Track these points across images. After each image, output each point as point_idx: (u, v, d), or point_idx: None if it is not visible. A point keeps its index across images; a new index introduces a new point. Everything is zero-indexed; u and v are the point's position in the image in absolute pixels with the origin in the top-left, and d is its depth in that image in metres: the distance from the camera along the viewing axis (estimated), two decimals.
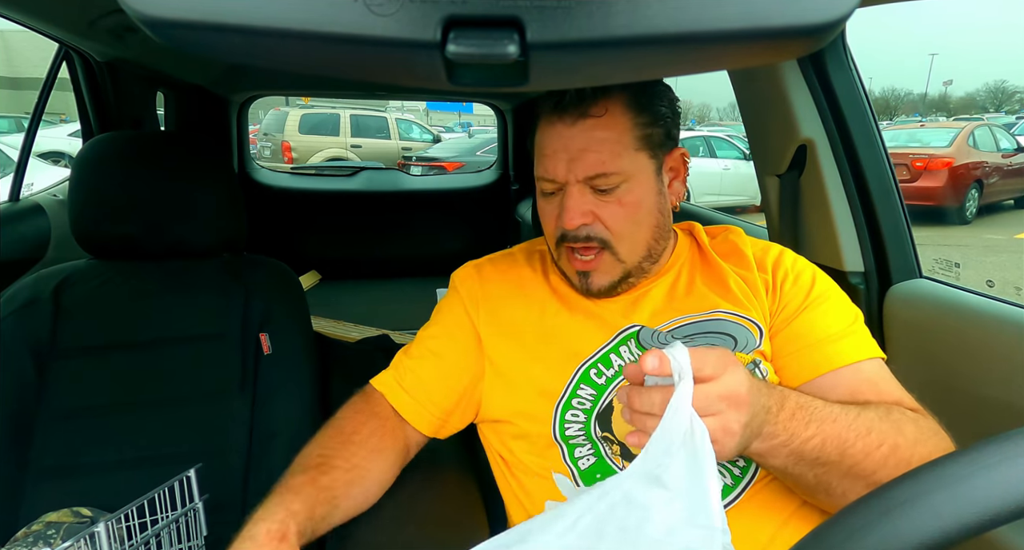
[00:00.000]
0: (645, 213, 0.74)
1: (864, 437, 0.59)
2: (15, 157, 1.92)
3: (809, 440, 0.57)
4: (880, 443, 0.59)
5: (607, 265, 0.75)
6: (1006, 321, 0.85)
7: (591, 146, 0.70)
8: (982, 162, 7.24)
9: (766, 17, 0.24)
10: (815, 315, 0.73)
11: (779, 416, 0.57)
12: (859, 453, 0.59)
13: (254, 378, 1.03)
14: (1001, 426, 0.36)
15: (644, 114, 0.72)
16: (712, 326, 0.74)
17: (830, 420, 0.59)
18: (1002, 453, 0.30)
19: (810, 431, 0.58)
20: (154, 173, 1.03)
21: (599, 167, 0.70)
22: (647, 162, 0.73)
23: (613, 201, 0.72)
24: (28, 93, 13.95)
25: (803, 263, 0.80)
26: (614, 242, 0.74)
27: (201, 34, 0.25)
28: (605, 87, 0.71)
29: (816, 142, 1.09)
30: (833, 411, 0.60)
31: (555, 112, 0.72)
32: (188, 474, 0.83)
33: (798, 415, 0.58)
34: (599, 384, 0.75)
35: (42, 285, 1.02)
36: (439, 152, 9.21)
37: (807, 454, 0.58)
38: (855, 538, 0.31)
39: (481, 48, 0.25)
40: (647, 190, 0.74)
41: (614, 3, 0.24)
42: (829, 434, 0.58)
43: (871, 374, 0.71)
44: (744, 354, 0.72)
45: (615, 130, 0.71)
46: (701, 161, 8.33)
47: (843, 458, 0.58)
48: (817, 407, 0.59)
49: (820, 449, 0.58)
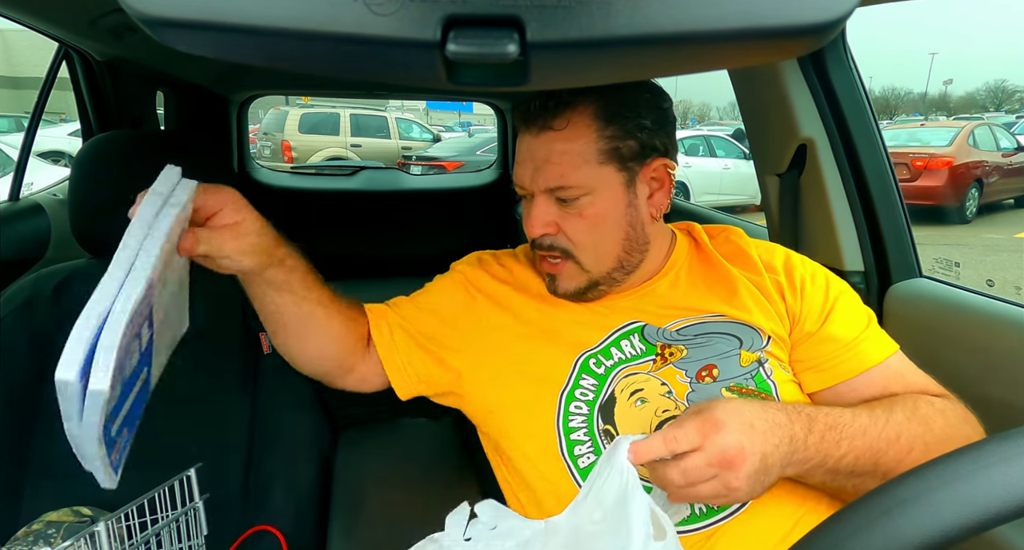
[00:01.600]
0: (610, 226, 0.73)
1: (895, 444, 0.61)
2: (15, 156, 1.92)
3: (843, 458, 0.59)
4: (911, 447, 0.61)
5: (572, 272, 0.76)
6: (1006, 320, 0.85)
7: (551, 158, 0.71)
8: (982, 161, 7.24)
9: (766, 16, 0.24)
10: (838, 317, 0.74)
11: (808, 440, 0.58)
12: (892, 461, 0.60)
13: (254, 377, 1.03)
14: (1002, 426, 0.36)
15: (611, 127, 0.71)
16: (718, 327, 0.75)
17: (860, 434, 0.60)
18: (1002, 453, 0.30)
19: (842, 449, 0.59)
20: (154, 173, 1.03)
21: (558, 179, 0.71)
22: (613, 175, 0.72)
23: (575, 213, 0.72)
24: (28, 92, 13.95)
25: (812, 263, 0.80)
26: (576, 253, 0.74)
27: (201, 34, 0.25)
28: (571, 99, 0.70)
29: (816, 141, 1.09)
30: (862, 423, 0.61)
31: (523, 121, 0.73)
32: (188, 474, 0.83)
33: (828, 436, 0.59)
34: (599, 374, 0.75)
35: (42, 284, 1.02)
36: (439, 151, 9.21)
37: (842, 470, 0.60)
38: (856, 537, 0.31)
39: (481, 47, 0.25)
40: (612, 203, 0.73)
41: (614, 3, 0.24)
42: (861, 448, 0.60)
43: (898, 367, 0.72)
44: (750, 352, 0.73)
45: (576, 143, 0.70)
46: (701, 160, 8.33)
47: (877, 467, 0.60)
48: (846, 423, 0.60)
49: (854, 464, 0.60)
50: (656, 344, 0.75)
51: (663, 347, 0.75)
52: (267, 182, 2.62)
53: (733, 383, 0.72)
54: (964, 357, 0.90)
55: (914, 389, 0.70)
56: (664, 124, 0.75)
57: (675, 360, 0.74)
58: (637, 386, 0.74)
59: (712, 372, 0.72)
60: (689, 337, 0.75)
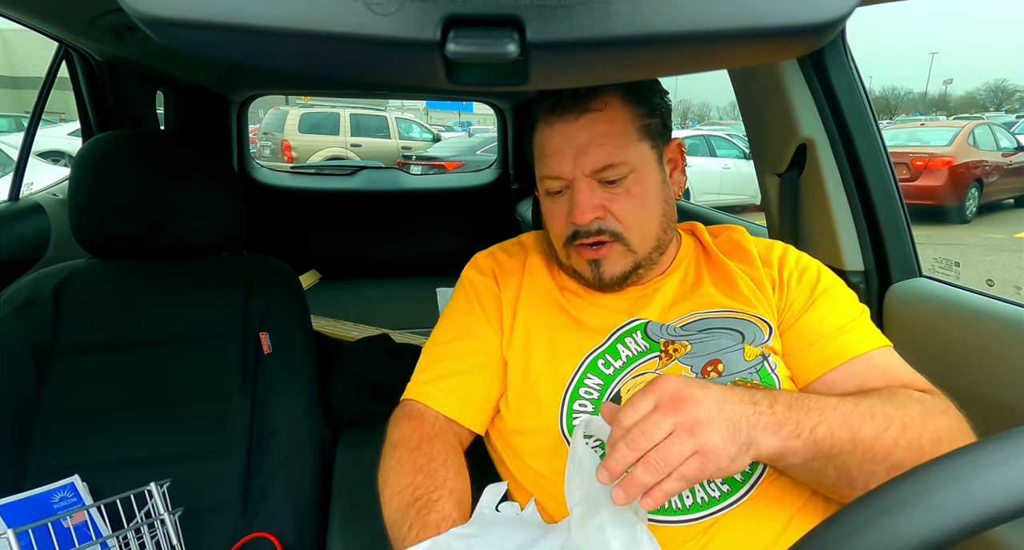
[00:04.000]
0: (653, 203, 0.75)
1: (869, 420, 0.59)
2: (15, 156, 1.92)
3: (816, 427, 0.57)
4: (887, 424, 0.60)
5: (618, 255, 0.76)
6: (1006, 320, 0.85)
7: (595, 140, 0.71)
8: (982, 161, 7.24)
9: (766, 16, 0.24)
10: (822, 309, 0.74)
11: (775, 408, 0.57)
12: (869, 437, 0.59)
13: (254, 377, 1.03)
14: (1001, 425, 0.36)
15: (642, 105, 0.74)
16: (720, 322, 0.75)
17: (830, 408, 0.59)
18: (1002, 453, 0.30)
19: (813, 418, 0.58)
20: (154, 172, 1.03)
21: (606, 159, 0.71)
22: (649, 152, 0.75)
23: (622, 192, 0.73)
24: (28, 92, 13.94)
25: (807, 259, 0.80)
26: (625, 233, 0.74)
27: (201, 34, 0.25)
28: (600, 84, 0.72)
29: (816, 141, 1.09)
30: (831, 401, 0.60)
31: (554, 112, 0.73)
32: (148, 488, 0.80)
33: (796, 405, 0.58)
34: (607, 374, 0.75)
35: (42, 284, 1.02)
36: (439, 151, 9.20)
37: (821, 443, 0.57)
38: (855, 536, 0.31)
39: (481, 47, 0.25)
40: (652, 180, 0.75)
41: (614, 2, 0.24)
42: (834, 420, 0.58)
43: (881, 361, 0.71)
44: (753, 347, 0.73)
45: (617, 123, 0.72)
46: (701, 160, 8.33)
47: (855, 445, 0.58)
48: (812, 398, 0.60)
49: (831, 436, 0.58)
50: (659, 341, 0.76)
51: (666, 343, 0.75)
52: (267, 182, 2.62)
53: (739, 378, 0.71)
54: (964, 357, 0.90)
55: (895, 385, 0.69)
56: (670, 107, 0.78)
57: (679, 356, 0.74)
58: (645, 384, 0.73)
59: (717, 367, 0.72)
60: (692, 333, 0.75)
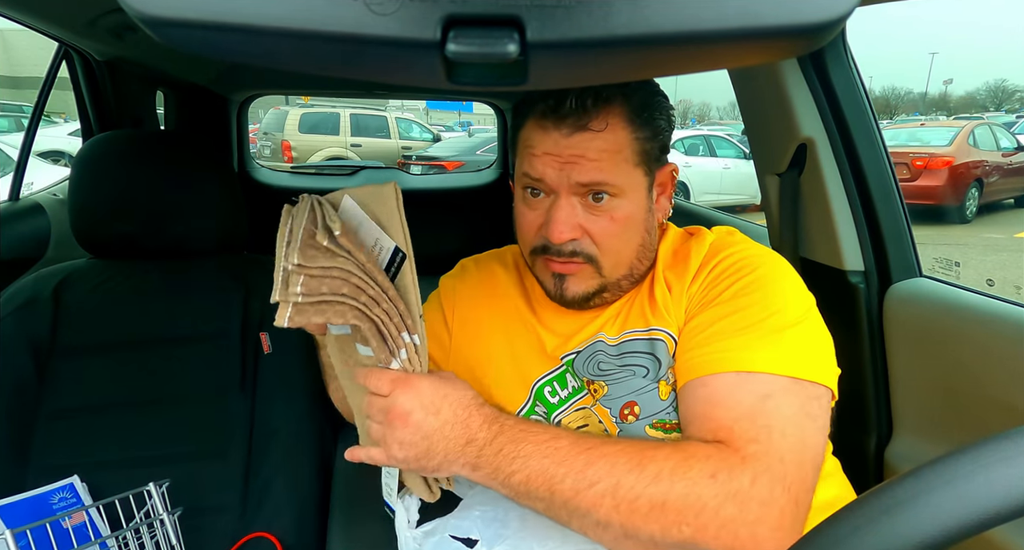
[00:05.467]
0: (634, 231, 0.70)
1: (576, 474, 0.56)
2: (15, 156, 1.92)
3: (512, 475, 0.58)
4: (596, 481, 0.55)
5: (586, 274, 0.71)
6: (1006, 320, 0.85)
7: (589, 154, 0.66)
8: (982, 161, 7.25)
9: (766, 16, 0.24)
10: (710, 315, 0.66)
11: (484, 450, 0.59)
12: (568, 490, 0.56)
13: (254, 377, 1.03)
14: (1001, 425, 0.37)
15: (645, 128, 0.68)
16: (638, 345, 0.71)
17: (540, 455, 0.57)
18: (1002, 453, 0.30)
19: (513, 467, 0.58)
20: (154, 172, 1.03)
21: (597, 175, 0.66)
22: (642, 178, 0.70)
23: (604, 215, 0.68)
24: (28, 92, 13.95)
25: (746, 262, 0.69)
26: (600, 257, 0.70)
27: (201, 34, 0.25)
28: (607, 98, 0.66)
29: (816, 141, 1.09)
30: (557, 445, 0.58)
31: (551, 118, 0.67)
32: (147, 488, 0.80)
33: (506, 449, 0.58)
34: (552, 403, 0.75)
35: (42, 284, 1.02)
36: (439, 151, 9.21)
37: (517, 488, 0.58)
38: (856, 537, 0.31)
39: (481, 47, 0.25)
40: (638, 206, 0.70)
41: (614, 3, 0.24)
42: (535, 470, 0.57)
43: (714, 392, 0.62)
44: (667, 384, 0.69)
45: (616, 143, 0.67)
46: (701, 160, 8.33)
47: (553, 495, 0.56)
48: (534, 441, 0.58)
49: (527, 484, 0.57)
50: (583, 380, 0.73)
51: (588, 383, 0.73)
52: (267, 182, 2.62)
53: (656, 420, 0.68)
54: (964, 357, 0.89)
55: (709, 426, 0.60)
56: (672, 126, 0.73)
57: (600, 397, 0.72)
58: (584, 421, 0.74)
59: (634, 409, 0.69)
60: (613, 368, 0.71)
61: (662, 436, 0.68)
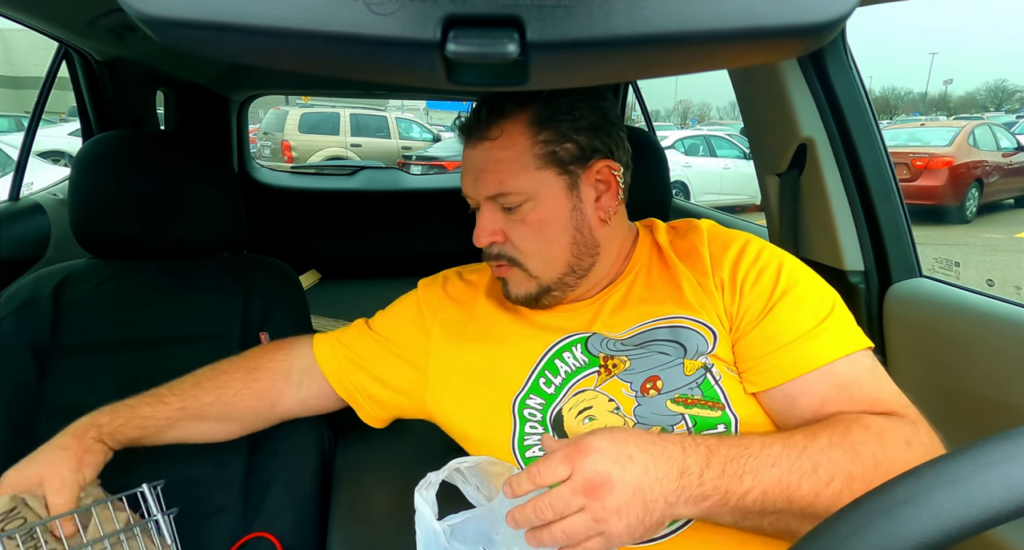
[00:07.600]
0: (555, 231, 0.72)
1: (810, 476, 0.55)
2: (15, 156, 1.92)
3: (747, 494, 0.54)
4: (830, 478, 0.55)
5: (519, 278, 0.75)
6: (1006, 320, 0.85)
7: (488, 166, 0.72)
8: (982, 161, 7.24)
9: (766, 16, 0.24)
10: (782, 315, 0.68)
11: (705, 475, 0.53)
12: (808, 494, 0.54)
13: None
14: (1001, 425, 0.36)
15: (545, 131, 0.70)
16: (662, 333, 0.72)
17: (767, 466, 0.55)
18: (1002, 453, 0.30)
19: (745, 484, 0.54)
20: (154, 172, 1.03)
21: (497, 186, 0.71)
22: (553, 179, 0.71)
23: (518, 220, 0.72)
24: (28, 92, 13.95)
25: (768, 255, 0.73)
26: (523, 260, 0.74)
27: (201, 34, 0.25)
28: (504, 108, 0.71)
29: (816, 141, 1.09)
30: (772, 452, 0.56)
31: (464, 134, 0.75)
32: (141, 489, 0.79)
33: (729, 469, 0.54)
34: (548, 393, 0.74)
35: (42, 284, 1.02)
36: (439, 151, 9.19)
37: (751, 508, 0.54)
38: (855, 537, 0.31)
39: (481, 47, 0.25)
40: (555, 208, 0.72)
41: (614, 3, 0.24)
42: (769, 482, 0.54)
43: (844, 376, 0.65)
44: (694, 360, 0.70)
45: (512, 150, 0.70)
46: (701, 160, 8.33)
47: (791, 504, 0.54)
48: (752, 453, 0.55)
49: (763, 500, 0.54)
50: (599, 356, 0.73)
51: (606, 358, 0.73)
52: (267, 182, 2.62)
53: (678, 394, 0.69)
54: (964, 356, 0.90)
55: (859, 404, 0.63)
56: (604, 124, 0.73)
57: (619, 372, 0.72)
58: (585, 404, 0.73)
59: (656, 384, 0.70)
60: (631, 347, 0.72)
61: (682, 411, 0.68)
